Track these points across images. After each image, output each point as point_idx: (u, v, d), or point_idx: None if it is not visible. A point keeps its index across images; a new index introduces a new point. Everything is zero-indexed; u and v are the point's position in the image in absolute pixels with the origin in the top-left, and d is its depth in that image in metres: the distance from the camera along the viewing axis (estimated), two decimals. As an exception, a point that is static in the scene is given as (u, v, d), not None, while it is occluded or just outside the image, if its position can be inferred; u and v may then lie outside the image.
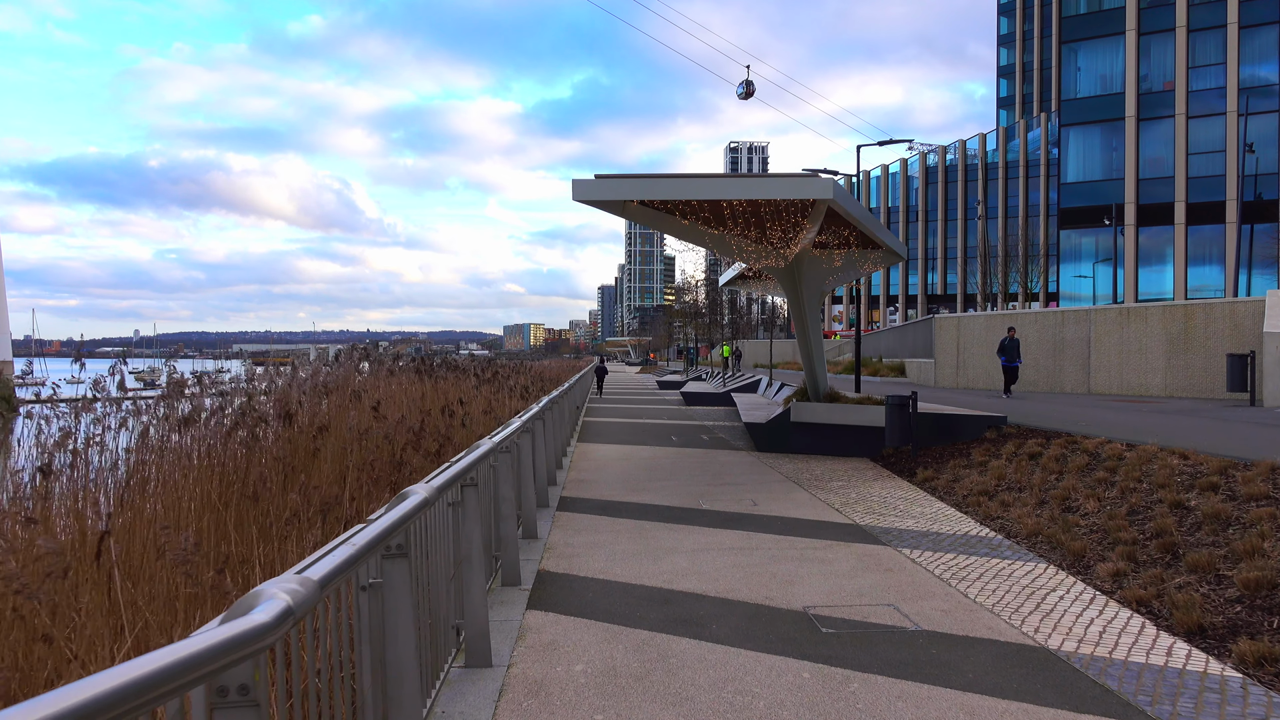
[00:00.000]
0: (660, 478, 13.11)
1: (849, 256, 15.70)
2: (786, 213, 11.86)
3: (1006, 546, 8.16)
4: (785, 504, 10.67)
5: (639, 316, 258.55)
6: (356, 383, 13.36)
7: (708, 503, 10.78)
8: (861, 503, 10.72)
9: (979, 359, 28.36)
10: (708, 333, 77.11)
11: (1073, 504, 9.07)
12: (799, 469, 13.91)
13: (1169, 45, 37.33)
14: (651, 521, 9.58)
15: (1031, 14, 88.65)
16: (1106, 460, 10.28)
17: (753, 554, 7.95)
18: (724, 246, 13.44)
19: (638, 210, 12.19)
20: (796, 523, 9.46)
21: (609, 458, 15.80)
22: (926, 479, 11.99)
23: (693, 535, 8.83)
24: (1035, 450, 11.66)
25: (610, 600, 6.49)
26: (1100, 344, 24.67)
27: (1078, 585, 6.77)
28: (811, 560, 7.69)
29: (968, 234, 78.54)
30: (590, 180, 11.22)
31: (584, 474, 13.60)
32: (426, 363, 17.50)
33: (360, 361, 15.48)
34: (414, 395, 15.11)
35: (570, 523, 9.56)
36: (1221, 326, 21.59)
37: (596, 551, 8.12)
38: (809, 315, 15.29)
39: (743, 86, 37.45)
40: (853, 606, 6.27)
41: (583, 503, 10.92)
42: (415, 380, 17.28)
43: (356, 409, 11.13)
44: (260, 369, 14.22)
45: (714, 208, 12.01)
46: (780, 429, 16.09)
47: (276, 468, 6.51)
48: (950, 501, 10.59)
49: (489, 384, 19.44)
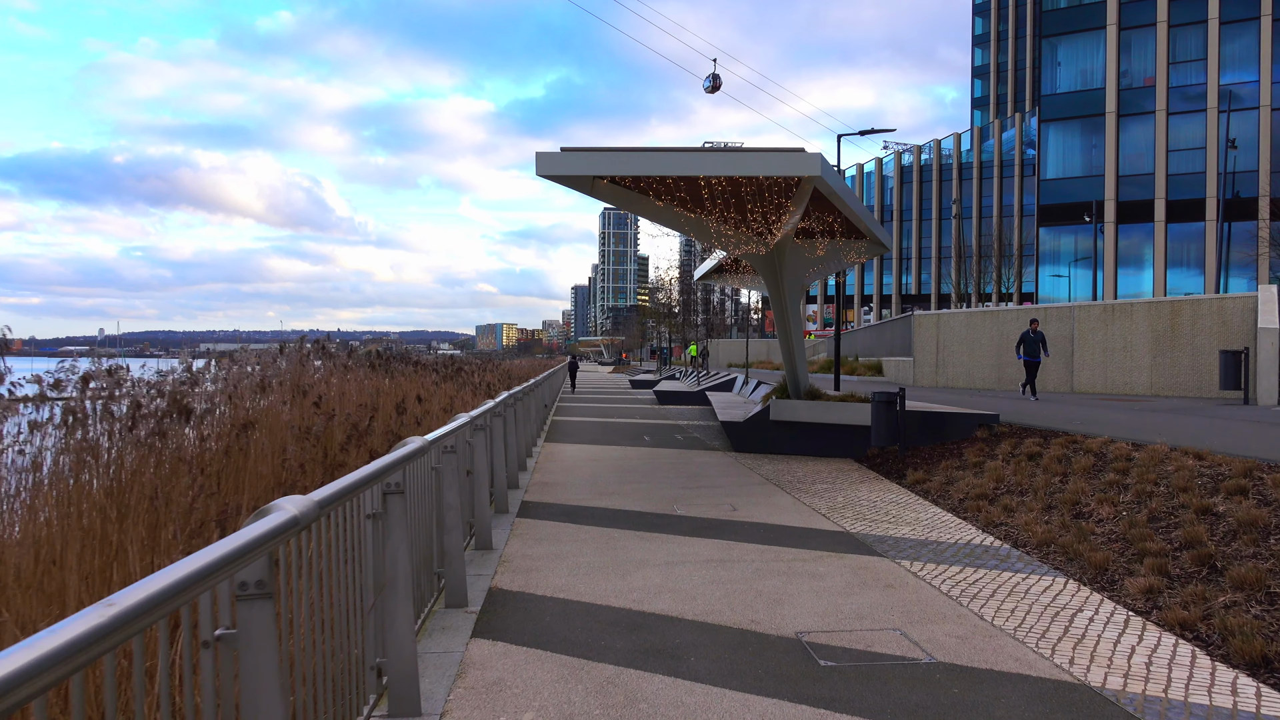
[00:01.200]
0: (631, 480, 12.20)
1: (833, 246, 14.87)
2: (769, 193, 10.98)
3: (1016, 557, 7.32)
4: (767, 509, 9.79)
5: (612, 316, 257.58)
6: (304, 378, 12.32)
7: (682, 508, 9.88)
8: (850, 507, 9.86)
9: (959, 357, 27.71)
10: (682, 332, 76.29)
11: (1084, 509, 8.25)
12: (780, 470, 13.05)
13: (1150, 41, 36.95)
14: (621, 529, 8.66)
15: (1006, 14, 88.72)
16: (1114, 461, 9.49)
17: (734, 567, 7.06)
18: (702, 231, 12.54)
19: (608, 189, 11.25)
20: (781, 530, 8.58)
21: (577, 458, 14.87)
22: (918, 481, 11.16)
23: (666, 545, 7.91)
24: (1034, 450, 10.87)
25: (571, 625, 5.56)
26: (1084, 341, 24.06)
27: (1106, 604, 5.92)
28: (801, 574, 6.80)
29: (942, 234, 78.32)
30: (555, 154, 10.28)
31: (550, 476, 12.65)
32: (383, 358, 16.44)
33: (312, 356, 14.42)
34: (368, 392, 14.08)
35: (531, 531, 8.62)
36: (1209, 323, 21.02)
37: (558, 565, 7.18)
38: (790, 308, 14.44)
39: (710, 80, 36.59)
40: (853, 632, 5.38)
41: (546, 508, 9.97)
42: (371, 376, 16.26)
43: (299, 405, 10.14)
44: (199, 363, 13.10)
45: (691, 187, 11.11)
46: (759, 428, 15.23)
47: (181, 473, 5.55)
48: (946, 506, 9.76)
49: (451, 381, 18.43)
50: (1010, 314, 26.51)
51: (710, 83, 36.49)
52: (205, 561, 2.02)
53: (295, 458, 7.49)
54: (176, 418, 6.03)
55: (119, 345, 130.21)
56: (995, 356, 26.54)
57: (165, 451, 6.07)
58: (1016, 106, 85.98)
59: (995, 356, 26.54)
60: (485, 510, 7.83)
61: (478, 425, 7.74)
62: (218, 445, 6.81)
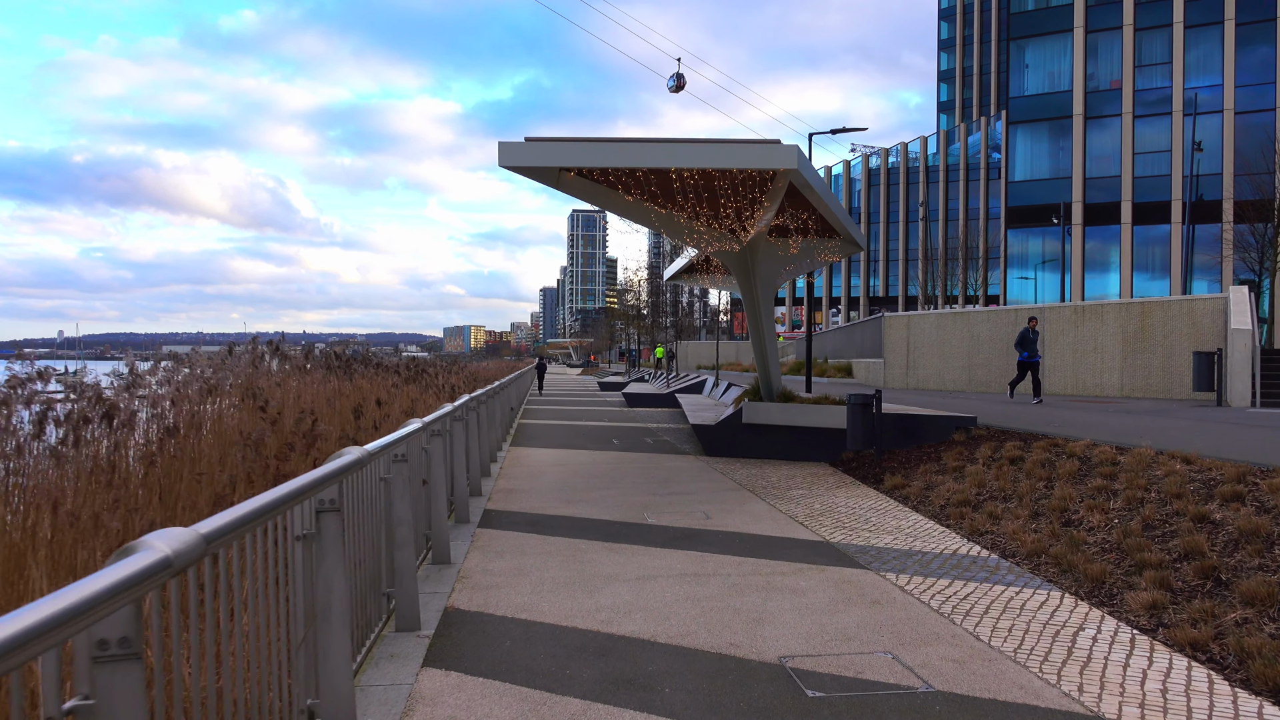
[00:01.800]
0: (600, 486, 11.71)
1: (806, 245, 14.49)
2: (744, 187, 10.55)
3: (1006, 569, 6.93)
4: (742, 517, 9.35)
5: (581, 319, 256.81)
6: (257, 381, 11.70)
7: (654, 516, 9.41)
8: (828, 515, 9.45)
9: (930, 359, 27.53)
10: (651, 334, 75.87)
11: (1073, 516, 7.90)
12: (753, 475, 12.63)
13: (1116, 44, 37.13)
14: (588, 540, 8.17)
15: (971, 19, 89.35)
16: (1100, 466, 9.17)
17: (710, 582, 6.60)
18: (673, 227, 12.09)
19: (575, 183, 10.76)
20: (758, 540, 8.14)
21: (544, 463, 14.35)
22: (896, 486, 10.78)
23: (637, 558, 7.44)
24: (1016, 454, 10.53)
25: (534, 651, 5.07)
26: (1055, 343, 23.94)
27: (1108, 621, 5.53)
28: (781, 590, 6.36)
29: (909, 237, 78.60)
30: (519, 144, 9.77)
31: (514, 482, 12.13)
32: (343, 359, 15.81)
33: (268, 357, 13.78)
34: (325, 395, 13.47)
35: (493, 542, 8.11)
36: (1180, 325, 20.95)
37: (521, 581, 6.68)
38: (763, 307, 14.03)
39: (674, 79, 36.11)
40: (841, 656, 4.94)
41: (510, 517, 9.46)
42: (329, 379, 15.62)
43: (248, 409, 9.56)
44: (145, 365, 12.44)
45: (662, 181, 10.65)
46: (731, 431, 14.81)
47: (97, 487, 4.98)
48: (927, 513, 9.37)
49: (414, 383, 17.83)
50: (981, 315, 26.35)
51: (674, 82, 36.01)
52: (34, 620, 1.52)
53: (239, 467, 6.94)
54: (100, 423, 5.46)
55: (79, 347, 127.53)
56: (966, 358, 26.39)
57: (83, 461, 5.51)
58: (982, 111, 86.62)
59: (966, 358, 26.39)
60: (443, 521, 7.31)
61: (434, 431, 7.22)
62: (147, 454, 6.24)
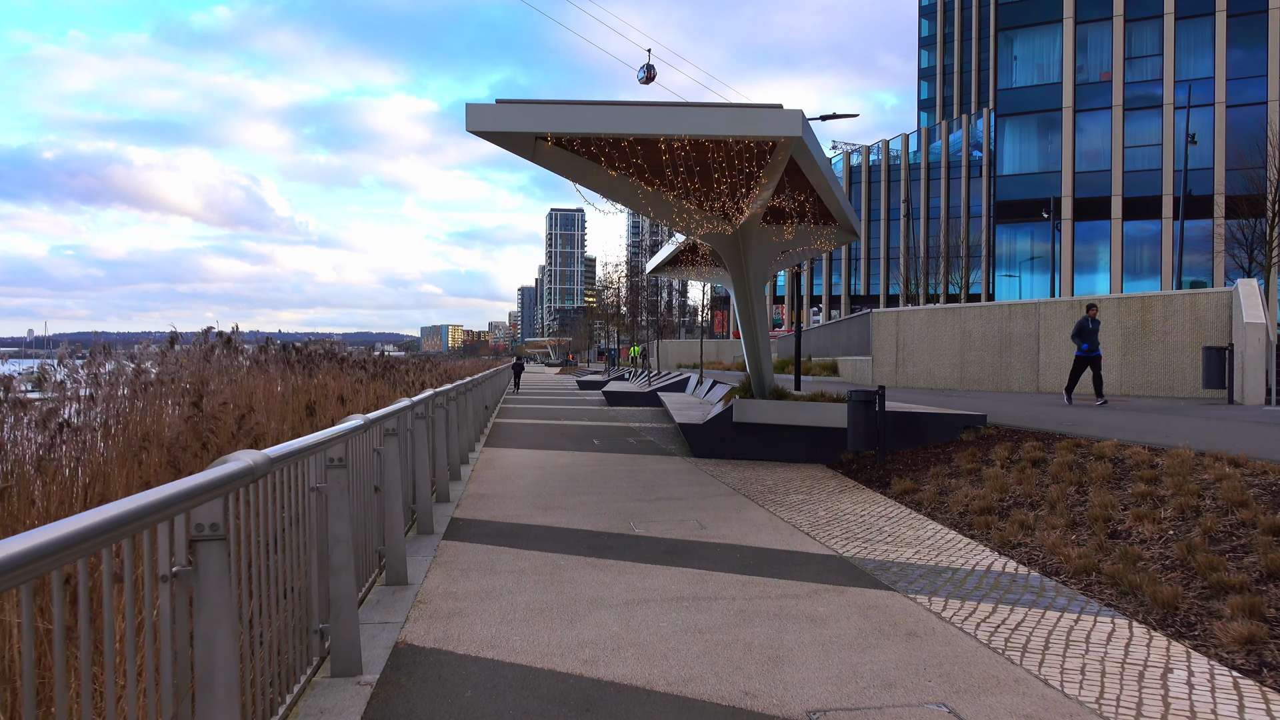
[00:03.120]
0: (580, 491, 10.70)
1: (802, 231, 13.54)
2: (740, 160, 9.57)
3: (1053, 589, 5.98)
4: (740, 526, 8.37)
5: (559, 318, 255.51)
6: (198, 374, 10.60)
7: (641, 525, 8.41)
8: (836, 523, 8.49)
9: (920, 356, 26.71)
10: (631, 332, 74.88)
11: (1119, 527, 6.97)
12: (746, 478, 11.66)
13: (1106, 35, 36.50)
14: (569, 554, 7.16)
15: (952, 16, 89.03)
16: (1136, 469, 8.27)
17: (712, 608, 5.60)
18: (661, 207, 11.08)
19: (552, 153, 9.72)
20: (762, 555, 7.15)
21: (520, 465, 13.32)
22: (906, 491, 9.84)
23: (625, 576, 6.44)
24: (1037, 456, 9.61)
25: (501, 704, 4.06)
26: (1051, 339, 23.16)
27: (1198, 660, 4.59)
28: (798, 618, 5.38)
29: (890, 235, 78.05)
30: (490, 106, 8.74)
31: (487, 486, 11.10)
32: (304, 354, 14.69)
33: (220, 351, 12.66)
34: (282, 391, 12.37)
35: (459, 558, 7.08)
36: (1183, 320, 20.20)
37: (489, 606, 5.66)
38: (755, 297, 13.06)
39: (643, 71, 35.00)
40: (884, 710, 3.96)
41: (480, 527, 8.43)
42: (289, 375, 14.50)
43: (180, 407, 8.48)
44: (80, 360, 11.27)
45: (650, 153, 9.64)
46: (720, 431, 13.83)
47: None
48: (946, 521, 8.43)
49: (381, 380, 16.73)
50: (973, 311, 25.54)
51: (644, 74, 34.89)
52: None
53: (147, 473, 5.88)
54: None
55: (48, 346, 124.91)
56: (958, 355, 25.58)
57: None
58: (963, 108, 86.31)
59: (958, 355, 25.58)
60: (399, 536, 6.27)
61: (388, 429, 6.18)
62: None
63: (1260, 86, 34.71)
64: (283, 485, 3.80)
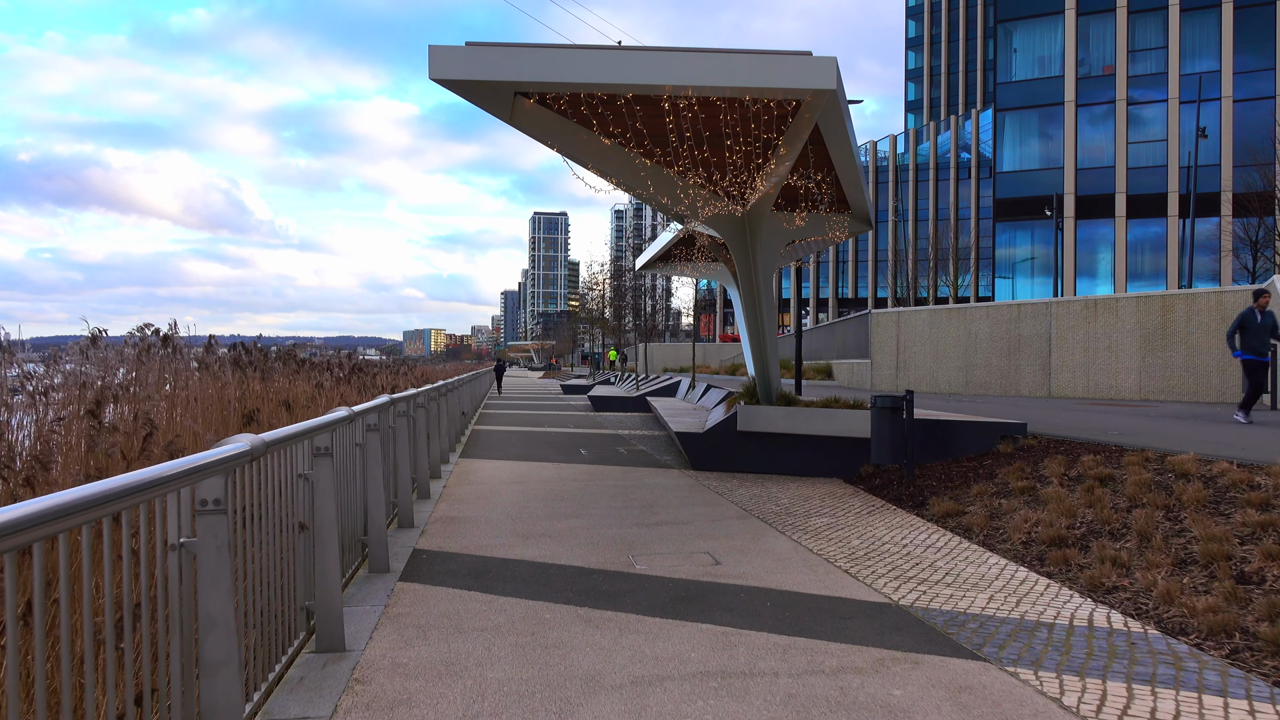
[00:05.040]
0: (567, 512, 9.24)
1: (814, 219, 12.14)
2: (758, 124, 8.14)
3: (1188, 656, 4.58)
4: (762, 560, 6.93)
5: (543, 322, 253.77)
6: (118, 379, 9.06)
7: (643, 559, 6.96)
8: (877, 556, 7.07)
9: (922, 359, 25.39)
10: (616, 336, 73.37)
11: (1245, 568, 5.58)
12: (757, 496, 10.23)
13: (1109, 27, 35.35)
14: (554, 603, 5.70)
15: (939, 17, 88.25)
16: (1234, 490, 6.91)
17: (750, 691, 4.17)
18: (663, 184, 9.61)
19: (534, 114, 8.24)
20: (799, 602, 5.72)
21: (498, 479, 11.84)
22: (949, 514, 8.43)
23: (628, 638, 4.99)
24: (1102, 473, 8.22)
25: None
26: (1063, 341, 21.89)
27: None
28: (869, 709, 3.94)
29: (878, 238, 76.99)
30: (459, 49, 7.27)
31: (459, 507, 9.61)
32: (259, 354, 13.14)
33: (153, 348, 11.10)
34: (223, 398, 10.81)
35: (417, 608, 5.61)
36: (1207, 320, 18.96)
37: (449, 690, 4.20)
38: (763, 292, 11.64)
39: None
40: None
41: (447, 562, 6.95)
42: (246, 379, 12.93)
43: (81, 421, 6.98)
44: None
45: (652, 115, 8.18)
46: (722, 441, 12.40)
47: None
48: (1007, 552, 7.02)
49: (346, 383, 15.19)
50: (979, 312, 24.24)
51: None
52: None
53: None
54: None
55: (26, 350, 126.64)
56: (963, 358, 24.29)
57: None
58: (950, 109, 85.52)
59: (963, 358, 24.29)
60: (334, 588, 4.80)
61: (320, 448, 4.72)
62: None
63: (1269, 80, 33.64)
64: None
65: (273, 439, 3.75)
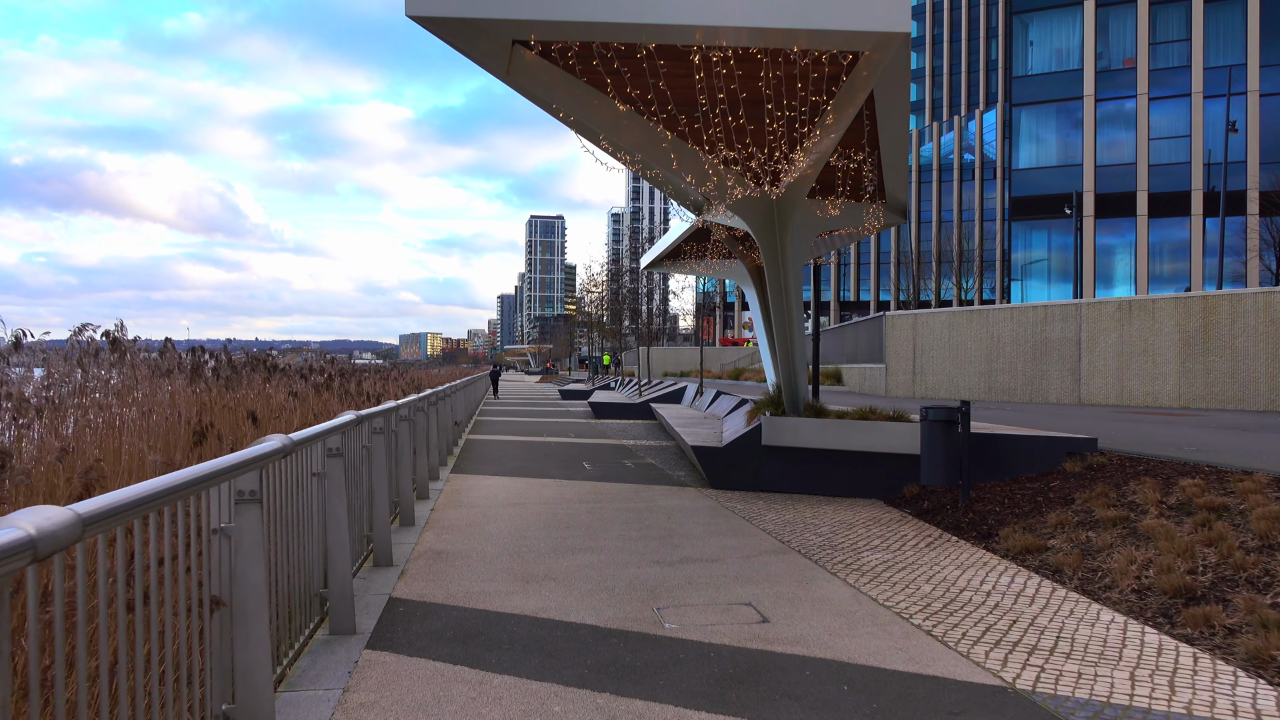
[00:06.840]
0: (574, 544, 7.90)
1: (850, 208, 10.85)
2: (806, 82, 6.81)
3: None
4: (819, 615, 5.60)
5: (539, 326, 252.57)
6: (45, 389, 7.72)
7: (672, 614, 5.63)
8: (961, 609, 5.74)
9: (941, 364, 24.08)
10: (616, 339, 72.06)
11: None
12: (790, 523, 8.91)
13: (1130, 18, 34.07)
14: (566, 687, 4.37)
15: (941, 17, 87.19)
16: (1401, 527, 5.59)
17: None
18: (688, 161, 8.25)
19: (537, 68, 6.92)
20: (884, 686, 4.39)
21: (494, 501, 10.51)
22: (1028, 549, 7.10)
23: (669, 748, 3.66)
24: (1215, 501, 6.91)
25: None
26: (1094, 344, 20.61)
27: None
28: None
29: (880, 240, 75.79)
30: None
31: (448, 536, 8.27)
32: (224, 361, 11.81)
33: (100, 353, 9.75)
34: (176, 410, 9.45)
35: (385, 695, 4.27)
36: (1254, 323, 17.69)
37: None
38: (792, 288, 10.31)
39: None
40: None
41: (428, 619, 5.60)
42: (210, 389, 11.57)
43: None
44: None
45: (677, 72, 6.86)
46: (745, 456, 11.08)
47: None
48: (1118, 604, 5.69)
49: (325, 391, 13.84)
50: (1001, 314, 22.95)
51: None
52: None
53: None
54: None
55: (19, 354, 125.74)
56: (985, 363, 23.00)
57: None
58: (952, 110, 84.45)
59: (985, 363, 23.00)
60: (263, 678, 3.46)
61: (246, 493, 3.38)
62: None
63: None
64: None
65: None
